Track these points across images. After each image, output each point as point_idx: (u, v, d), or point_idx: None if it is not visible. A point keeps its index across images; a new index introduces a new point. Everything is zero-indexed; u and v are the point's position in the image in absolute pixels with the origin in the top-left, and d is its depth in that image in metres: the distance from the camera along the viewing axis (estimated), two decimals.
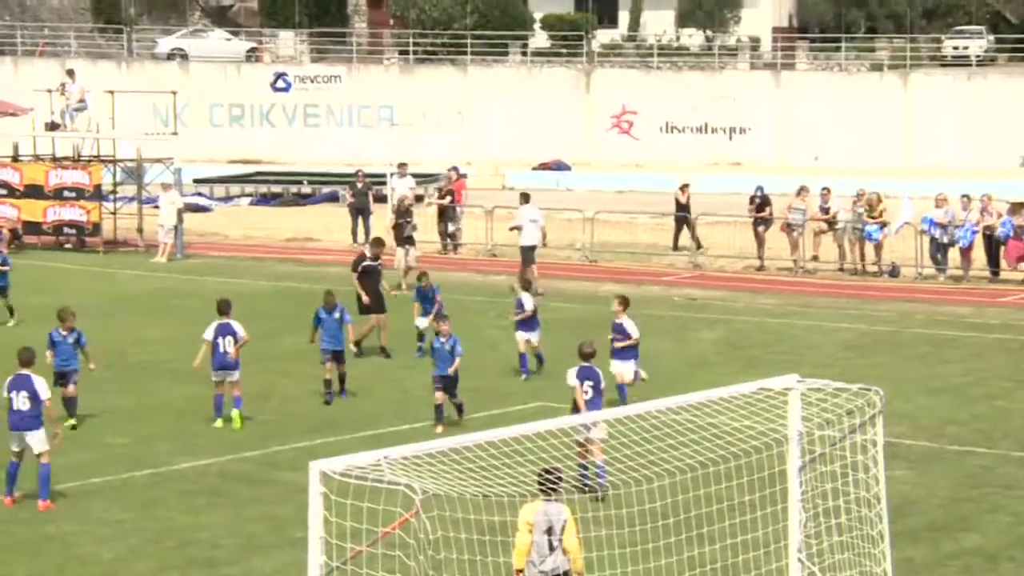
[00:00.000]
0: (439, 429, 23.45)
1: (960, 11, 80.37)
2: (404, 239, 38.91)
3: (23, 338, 24.54)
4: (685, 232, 44.81)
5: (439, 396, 24.27)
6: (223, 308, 24.90)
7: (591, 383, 21.05)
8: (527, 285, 29.55)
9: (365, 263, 30.48)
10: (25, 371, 20.26)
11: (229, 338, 24.41)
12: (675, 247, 44.81)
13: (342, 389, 26.50)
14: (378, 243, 31.83)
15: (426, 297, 30.12)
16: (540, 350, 28.48)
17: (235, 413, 24.44)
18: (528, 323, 28.32)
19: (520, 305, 28.40)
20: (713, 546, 16.36)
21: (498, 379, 28.02)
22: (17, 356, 20.48)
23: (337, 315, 26.32)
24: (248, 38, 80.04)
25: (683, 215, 44.93)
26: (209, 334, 24.54)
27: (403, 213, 40.34)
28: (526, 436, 14.13)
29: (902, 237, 40.44)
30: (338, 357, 26.34)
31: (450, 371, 24.21)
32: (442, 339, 24.48)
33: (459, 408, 24.67)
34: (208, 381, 26.69)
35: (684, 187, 46.15)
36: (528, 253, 39.17)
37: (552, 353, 30.54)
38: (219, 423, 24.45)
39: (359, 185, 47.20)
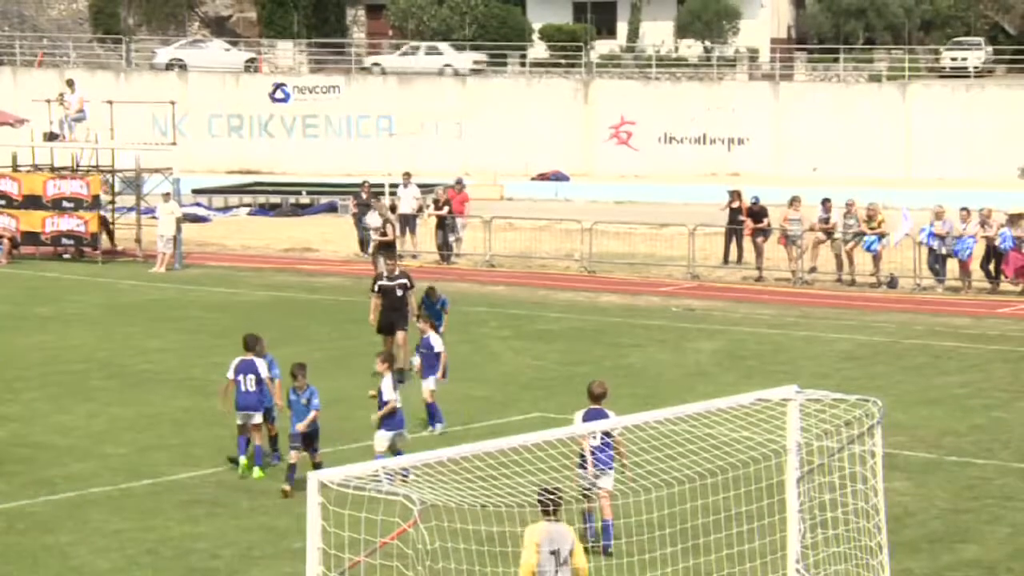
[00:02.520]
0: (287, 488, 20.79)
1: (958, 22, 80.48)
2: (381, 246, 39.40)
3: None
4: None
5: (293, 455, 21.21)
6: (249, 343, 22.45)
7: None
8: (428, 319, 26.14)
9: (381, 282, 28.91)
10: None
11: (251, 376, 21.98)
12: (727, 260, 43.78)
13: (274, 450, 22.87)
14: (392, 257, 30.70)
15: (433, 309, 29.72)
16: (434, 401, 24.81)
17: (256, 469, 22.04)
18: (432, 367, 24.75)
19: (428, 345, 24.99)
20: (711, 557, 16.34)
21: (497, 389, 28.02)
22: None
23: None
24: (247, 48, 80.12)
25: (736, 227, 43.79)
26: (231, 372, 22.20)
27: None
28: (525, 447, 14.14)
29: (900, 248, 40.48)
30: (264, 415, 22.47)
31: (299, 427, 21.13)
32: (299, 391, 21.31)
33: (316, 468, 20.43)
34: (208, 391, 26.74)
35: (738, 194, 44.67)
36: (390, 250, 39.44)
37: (551, 363, 30.59)
38: (244, 462, 22.07)
39: (363, 195, 47.13)
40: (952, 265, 40.04)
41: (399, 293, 28.73)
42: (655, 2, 78.86)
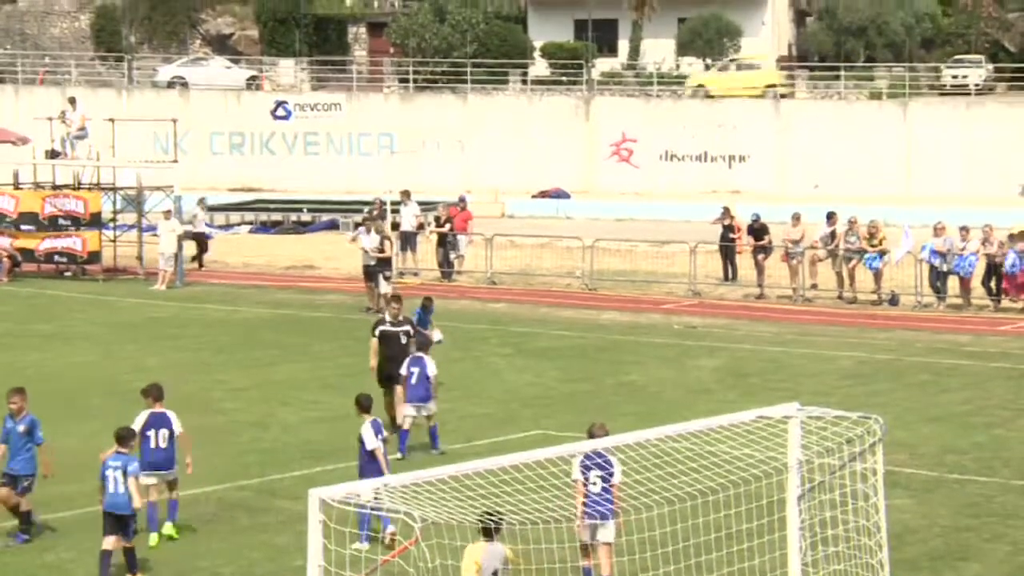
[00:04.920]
0: None
1: (959, 40, 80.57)
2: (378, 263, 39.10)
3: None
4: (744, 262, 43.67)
5: (110, 542, 18.11)
6: (157, 394, 20.20)
7: (600, 473, 16.91)
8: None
9: (383, 327, 25.97)
10: None
11: (164, 431, 19.72)
12: (727, 278, 43.62)
13: (23, 529, 19.78)
14: (397, 300, 27.11)
15: (427, 319, 29.68)
16: (433, 423, 24.28)
17: (169, 526, 19.83)
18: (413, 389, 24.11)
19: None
20: (713, 575, 16.32)
21: (498, 406, 28.00)
22: None
23: (23, 427, 19.68)
24: (248, 66, 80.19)
25: (728, 244, 43.69)
26: (138, 424, 19.72)
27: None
28: (526, 464, 14.12)
29: (901, 265, 40.47)
30: (19, 483, 19.68)
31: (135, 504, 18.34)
32: (125, 450, 18.65)
33: (132, 565, 18.29)
34: (210, 409, 26.72)
35: (728, 211, 44.59)
36: (387, 266, 39.35)
37: (553, 381, 30.58)
38: (154, 539, 19.56)
39: (374, 213, 46.88)
40: (953, 282, 40.03)
41: (402, 341, 25.76)
42: (656, 20, 78.90)
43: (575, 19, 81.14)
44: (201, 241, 48.93)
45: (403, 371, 24.05)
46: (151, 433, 19.77)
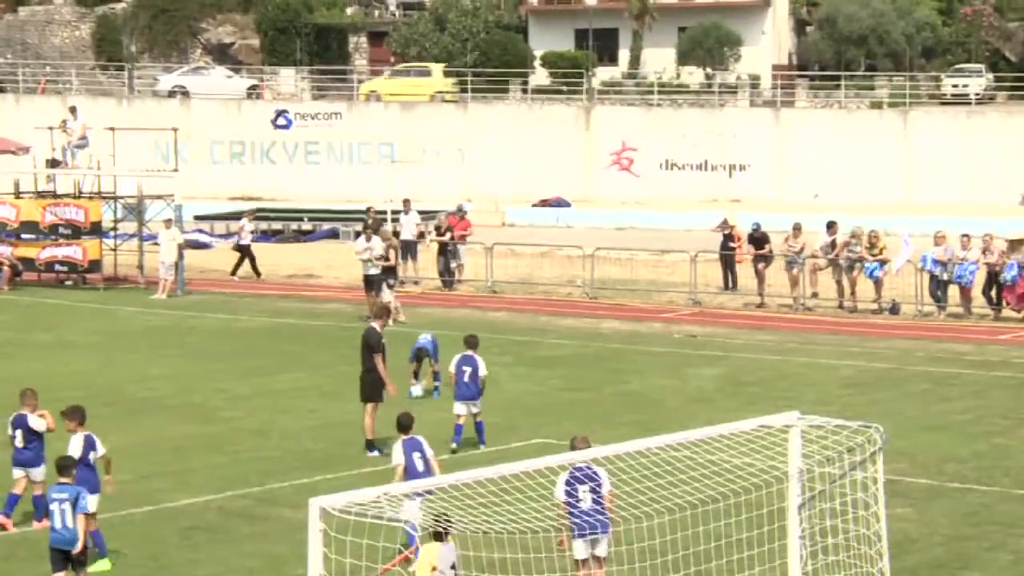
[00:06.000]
0: None
1: (959, 49, 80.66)
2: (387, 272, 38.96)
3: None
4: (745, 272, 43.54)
5: None
6: (78, 417, 19.55)
7: (589, 486, 16.62)
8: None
9: (383, 339, 25.12)
10: None
11: (93, 454, 19.23)
12: (727, 287, 43.64)
13: None
14: (385, 312, 26.61)
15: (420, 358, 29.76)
16: (479, 419, 25.40)
17: (104, 563, 19.08)
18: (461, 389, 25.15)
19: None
20: None
21: (499, 415, 27.95)
22: None
23: None
24: (249, 75, 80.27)
25: (728, 253, 43.80)
26: (76, 449, 18.98)
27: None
28: (527, 473, 14.12)
29: (902, 274, 40.47)
30: None
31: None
32: (65, 482, 17.50)
33: None
34: (210, 418, 26.70)
35: (725, 221, 44.78)
36: (392, 274, 39.33)
37: (553, 389, 30.57)
38: (107, 564, 19.11)
39: (369, 221, 46.78)
40: (953, 292, 40.01)
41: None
42: (656, 29, 79.04)
43: (576, 28, 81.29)
44: (247, 253, 48.78)
45: (452, 369, 24.96)
46: (91, 456, 19.13)
